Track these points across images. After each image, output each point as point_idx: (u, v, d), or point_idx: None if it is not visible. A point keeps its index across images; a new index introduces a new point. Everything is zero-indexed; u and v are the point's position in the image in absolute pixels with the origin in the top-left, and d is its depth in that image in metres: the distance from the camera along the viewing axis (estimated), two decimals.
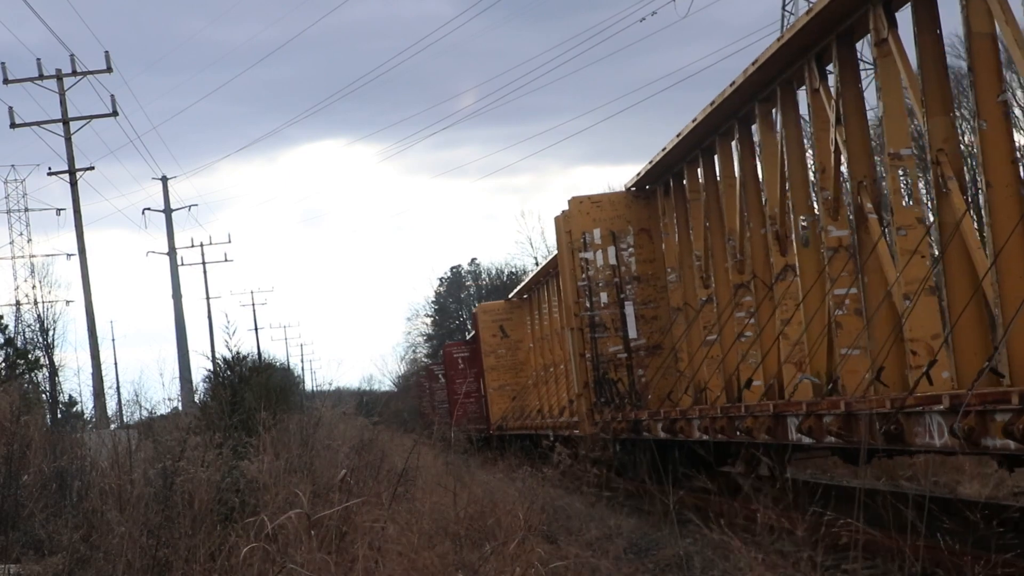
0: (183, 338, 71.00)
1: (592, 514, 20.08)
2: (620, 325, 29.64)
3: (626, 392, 29.25)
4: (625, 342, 29.71)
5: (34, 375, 65.34)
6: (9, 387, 24.44)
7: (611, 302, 29.62)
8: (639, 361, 29.56)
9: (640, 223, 29.30)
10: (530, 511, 15.13)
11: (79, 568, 13.95)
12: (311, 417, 24.48)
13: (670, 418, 23.54)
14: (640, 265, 29.22)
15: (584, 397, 31.15)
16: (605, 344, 29.79)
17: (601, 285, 29.67)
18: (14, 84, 50.07)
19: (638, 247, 29.30)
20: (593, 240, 29.79)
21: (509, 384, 48.62)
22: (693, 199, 26.58)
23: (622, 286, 29.48)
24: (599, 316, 29.76)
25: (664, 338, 29.13)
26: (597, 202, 29.81)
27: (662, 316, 29.15)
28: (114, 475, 15.48)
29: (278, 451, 17.26)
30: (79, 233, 50.25)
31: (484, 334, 49.46)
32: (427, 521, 14.12)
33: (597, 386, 29.48)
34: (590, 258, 29.77)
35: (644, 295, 29.21)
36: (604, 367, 29.58)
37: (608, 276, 29.71)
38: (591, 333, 29.73)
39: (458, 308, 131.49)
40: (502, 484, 18.92)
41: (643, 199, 29.37)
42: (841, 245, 19.06)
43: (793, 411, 17.78)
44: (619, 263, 29.73)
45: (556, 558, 12.46)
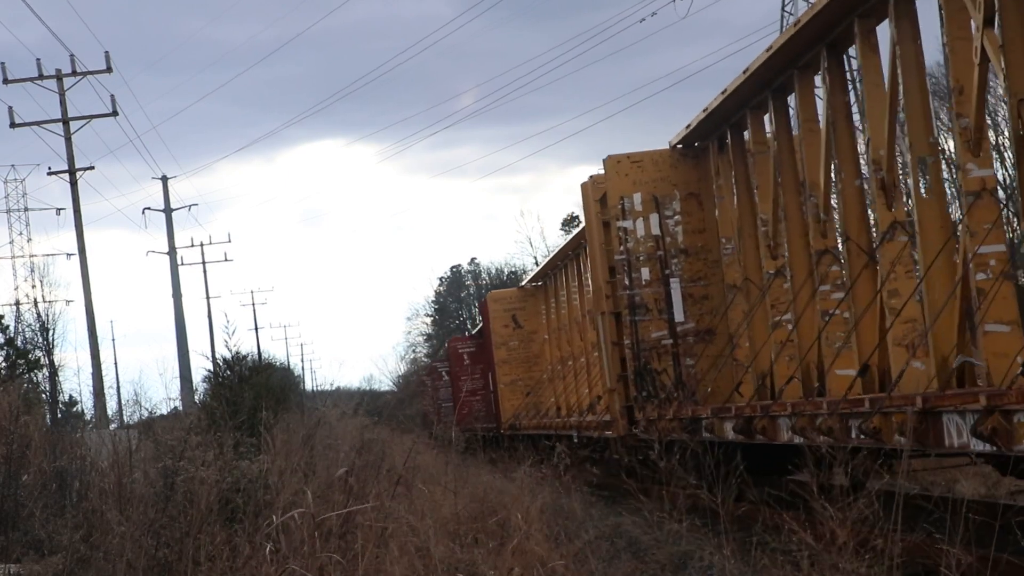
0: (183, 338, 69.36)
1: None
2: (665, 306, 23.89)
3: (671, 385, 24.76)
4: (670, 326, 24.44)
5: (34, 375, 63.80)
6: (9, 387, 24.30)
7: (654, 279, 24.02)
8: (687, 349, 23.96)
9: (688, 186, 23.89)
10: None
11: (79, 568, 13.71)
12: (312, 417, 23.99)
13: (744, 415, 18.16)
14: (688, 236, 23.82)
15: (618, 392, 26.24)
16: (647, 329, 24.66)
17: (642, 259, 24.08)
18: (14, 84, 49.18)
19: (685, 214, 23.86)
20: (632, 206, 24.81)
21: (522, 379, 42.85)
22: (758, 152, 21.79)
23: (667, 260, 23.96)
24: (640, 296, 24.71)
25: (717, 321, 23.65)
26: (637, 161, 24.27)
27: (714, 295, 23.72)
28: (114, 475, 15.14)
29: (279, 451, 16.76)
30: (79, 233, 49.41)
31: (495, 324, 43.69)
32: (428, 521, 13.70)
33: (637, 378, 24.66)
34: (629, 227, 24.26)
35: (693, 271, 23.82)
36: (645, 356, 24.68)
37: (650, 249, 24.11)
38: (630, 316, 24.51)
39: (458, 308, 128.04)
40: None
41: (691, 158, 23.90)
42: (985, 188, 14.57)
43: (957, 405, 12.37)
44: (663, 233, 24.45)
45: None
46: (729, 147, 22.08)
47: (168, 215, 70.39)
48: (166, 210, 70.34)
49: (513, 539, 12.85)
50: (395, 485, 15.40)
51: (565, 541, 14.38)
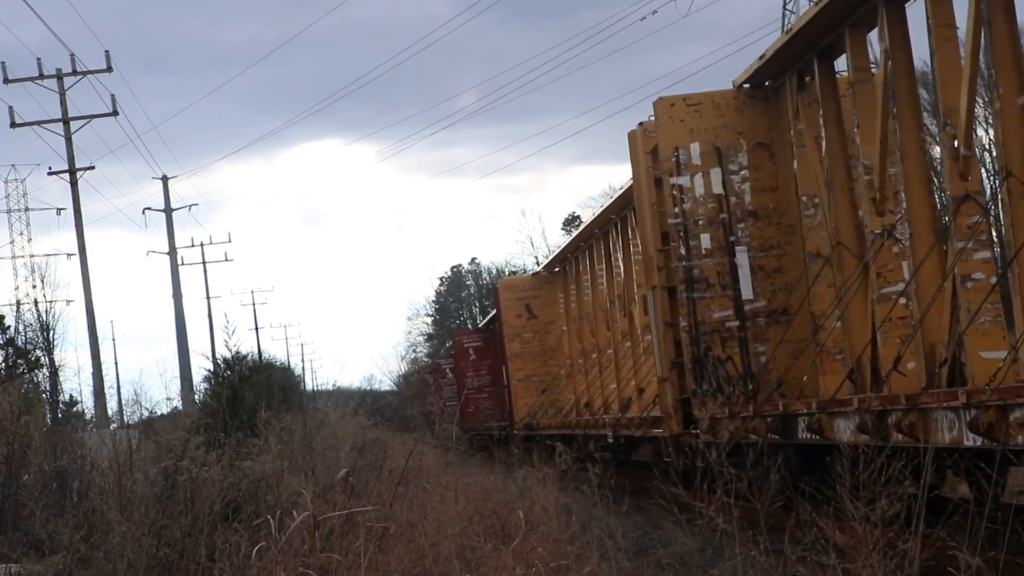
0: (183, 338, 67.99)
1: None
2: (729, 281, 18.60)
3: (738, 376, 20.05)
4: (736, 305, 18.56)
5: (34, 375, 62.08)
6: (9, 387, 24.05)
7: (715, 248, 18.65)
8: (756, 332, 18.47)
9: (756, 134, 18.63)
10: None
11: (79, 568, 13.44)
12: (313, 417, 23.43)
13: (874, 409, 12.82)
14: (757, 195, 18.61)
15: (671, 383, 21.53)
16: (707, 308, 18.67)
17: (701, 224, 18.67)
18: (14, 84, 47.70)
19: (754, 168, 18.60)
20: (690, 159, 18.94)
21: (537, 374, 37.29)
22: (860, 81, 17.06)
23: (731, 225, 18.61)
24: (699, 268, 18.82)
25: (794, 299, 18.45)
26: (695, 105, 18.63)
27: (789, 268, 18.54)
28: (114, 475, 14.86)
29: (280, 451, 16.18)
30: (79, 233, 48.08)
31: (507, 314, 38.05)
32: (429, 521, 13.31)
33: (696, 368, 19.94)
34: (685, 185, 18.64)
35: (763, 238, 18.61)
36: (706, 341, 19.42)
37: (711, 211, 18.68)
38: (687, 292, 18.75)
39: (459, 308, 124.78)
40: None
41: (761, 100, 18.69)
42: None
43: None
44: (727, 192, 18.69)
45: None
46: (816, 80, 17.35)
47: (168, 215, 68.94)
48: (166, 210, 68.86)
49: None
50: (396, 486, 14.67)
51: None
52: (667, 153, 18.84)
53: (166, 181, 69.06)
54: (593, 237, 30.97)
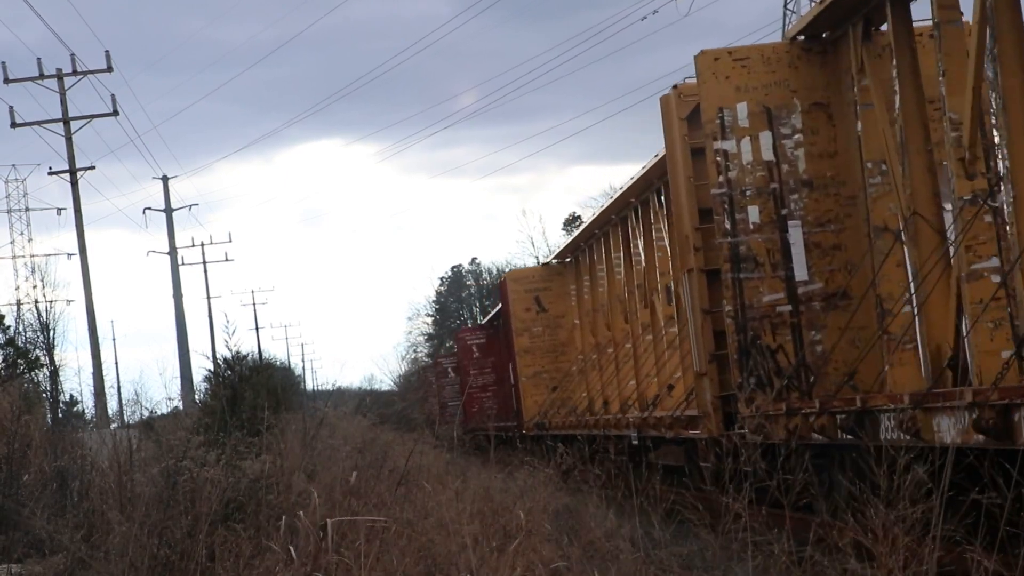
0: (184, 338, 67.28)
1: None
2: (780, 260, 15.94)
3: (791, 368, 17.40)
4: (789, 287, 15.82)
5: (35, 374, 60.50)
6: (10, 387, 23.83)
7: (765, 222, 15.95)
8: (811, 318, 15.84)
9: (813, 93, 15.97)
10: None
11: (80, 568, 13.35)
12: (314, 417, 23.15)
13: (992, 403, 10.07)
14: (813, 162, 15.94)
15: (710, 377, 18.13)
16: (756, 291, 15.85)
17: (749, 195, 15.96)
18: (14, 84, 46.94)
19: (809, 132, 15.93)
20: (736, 121, 16.01)
21: (547, 371, 34.32)
22: (948, 22, 14.64)
23: (783, 196, 15.92)
24: (746, 245, 16.04)
25: (854, 280, 15.70)
26: (743, 59, 15.90)
27: (849, 244, 15.89)
28: (114, 474, 14.61)
29: (280, 451, 16.14)
30: (80, 232, 47.55)
31: (515, 308, 34.99)
32: (430, 521, 12.85)
33: (743, 358, 17.27)
34: (731, 150, 15.93)
35: (820, 210, 15.97)
36: (754, 327, 16.32)
37: (760, 180, 15.97)
38: (733, 272, 15.88)
39: (459, 308, 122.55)
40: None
41: (818, 54, 16.00)
42: None
43: None
44: (778, 159, 15.93)
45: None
46: (891, 26, 14.82)
47: (169, 215, 68.40)
48: (167, 210, 68.27)
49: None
50: (396, 486, 14.47)
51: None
52: (710, 114, 16.24)
53: (166, 181, 68.62)
54: (609, 223, 28.40)
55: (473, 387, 46.05)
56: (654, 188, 24.27)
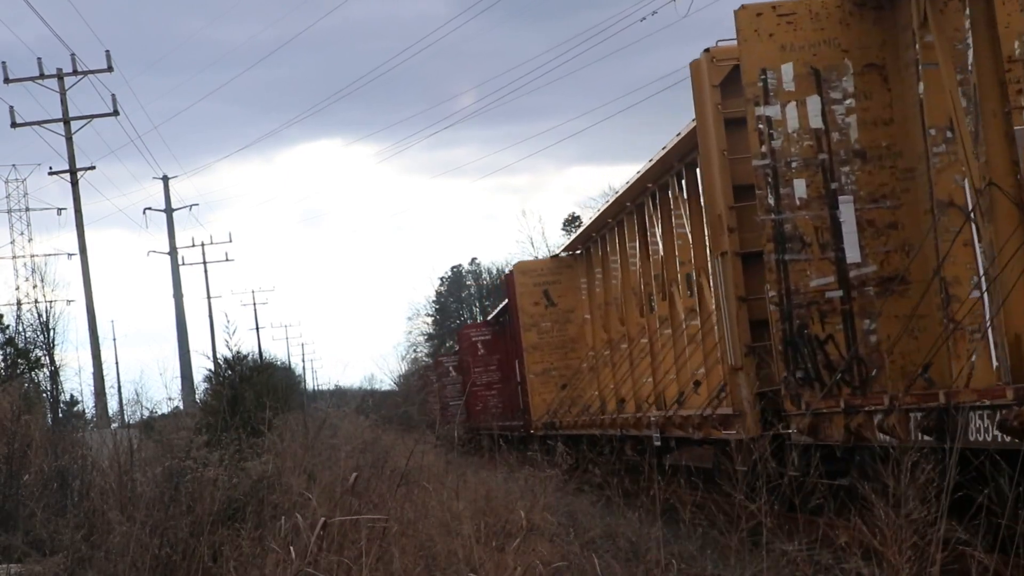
0: (184, 337, 66.46)
1: None
2: (830, 240, 14.00)
3: (841, 361, 15.37)
4: (839, 270, 13.91)
5: (35, 374, 60.39)
6: (10, 386, 23.50)
7: (813, 197, 13.99)
8: (865, 304, 13.94)
9: (867, 53, 14.04)
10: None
11: (80, 568, 13.13)
12: (315, 417, 23.02)
13: None
14: (866, 130, 14.03)
15: (746, 372, 15.73)
16: (802, 274, 13.90)
17: (795, 166, 13.98)
18: (14, 83, 46.38)
19: (862, 96, 14.02)
20: (781, 84, 13.90)
21: (556, 368, 32.16)
22: None
23: (833, 168, 13.98)
24: (791, 223, 13.95)
25: (913, 262, 13.65)
26: (788, 15, 13.88)
27: (907, 223, 13.99)
28: (115, 474, 14.44)
29: (281, 451, 15.69)
30: (80, 232, 46.97)
31: (522, 301, 32.69)
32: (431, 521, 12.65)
33: (788, 350, 14.38)
34: (775, 117, 13.95)
35: (873, 184, 14.02)
36: (801, 315, 14.13)
37: (808, 150, 13.98)
38: (777, 254, 13.91)
39: (459, 308, 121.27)
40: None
41: (872, 9, 14.04)
42: None
43: None
44: (828, 126, 13.96)
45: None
46: None
47: (169, 215, 67.74)
48: (167, 210, 67.61)
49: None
50: (397, 486, 14.09)
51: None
52: (752, 76, 14.27)
53: (167, 181, 68.02)
54: (624, 212, 26.42)
55: (477, 385, 44.16)
56: (674, 171, 22.34)
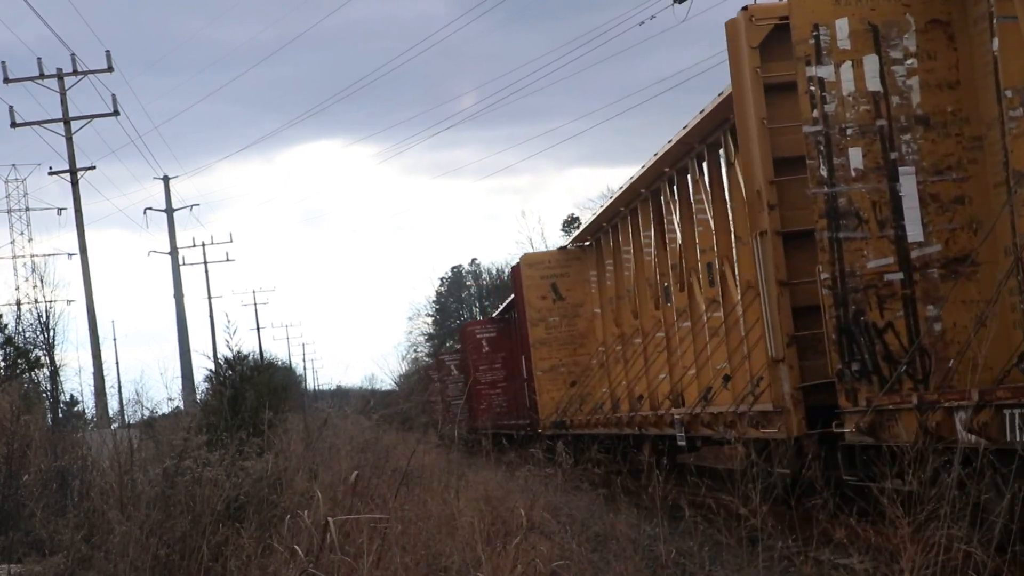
0: (185, 337, 65.97)
1: None
2: (890, 215, 12.26)
3: (903, 352, 13.63)
4: (899, 250, 12.23)
5: (35, 374, 58.86)
6: (10, 386, 23.31)
7: (870, 168, 12.29)
8: (928, 288, 12.27)
9: (930, 7, 12.33)
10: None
11: (80, 568, 12.98)
12: (316, 417, 22.70)
13: None
14: (930, 93, 12.31)
15: (788, 366, 13.67)
16: (857, 254, 12.19)
17: (850, 134, 12.28)
18: (14, 83, 45.94)
19: (925, 56, 12.31)
20: (835, 42, 12.18)
21: (564, 364, 30.29)
22: None
23: (892, 136, 12.26)
24: (846, 197, 12.21)
25: (984, 241, 11.90)
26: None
27: (975, 197, 12.28)
28: (115, 474, 14.21)
29: (282, 450, 15.68)
30: (80, 232, 46.55)
31: (529, 295, 30.73)
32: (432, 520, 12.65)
33: (842, 339, 12.32)
34: (828, 78, 12.24)
35: (938, 154, 12.32)
36: (857, 300, 12.33)
37: (864, 115, 12.26)
38: (830, 231, 12.21)
39: (459, 308, 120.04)
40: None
41: None
42: None
43: None
44: (887, 89, 12.27)
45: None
46: None
47: (169, 215, 67.33)
48: (167, 210, 67.19)
49: None
50: (398, 485, 14.11)
51: None
52: (803, 33, 12.58)
53: (167, 181, 67.68)
54: (638, 199, 24.72)
55: (481, 384, 42.46)
56: (694, 153, 20.70)
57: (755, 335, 16.89)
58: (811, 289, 13.81)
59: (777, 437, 14.08)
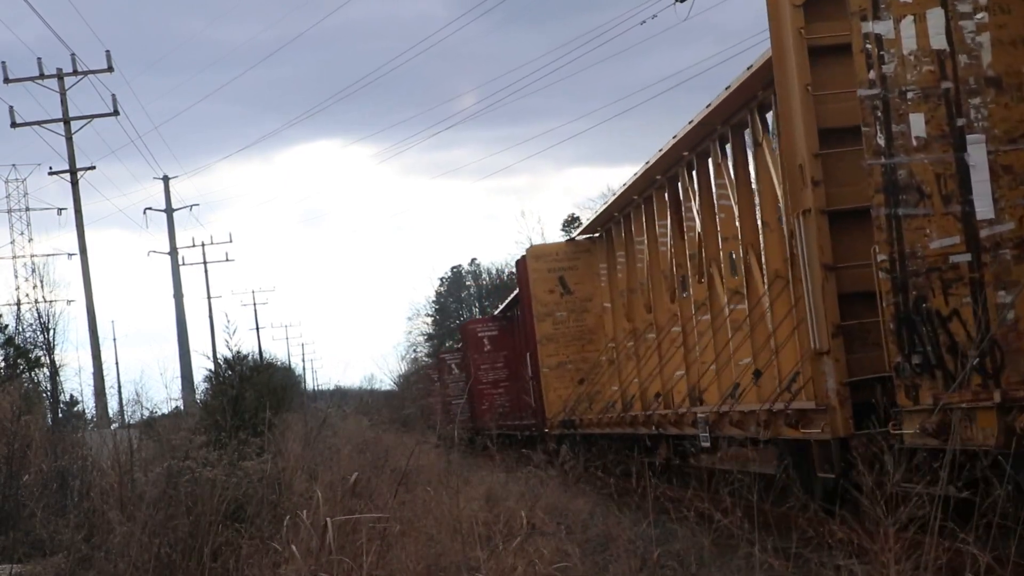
0: (184, 337, 65.70)
1: None
2: (956, 189, 10.68)
3: (969, 344, 12.13)
4: (967, 228, 10.60)
5: (35, 374, 58.44)
6: (10, 386, 23.22)
7: (934, 136, 10.75)
8: (1000, 272, 10.63)
9: None
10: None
11: (80, 568, 12.92)
12: (316, 417, 22.66)
13: None
14: (1002, 52, 10.70)
15: (833, 359, 12.32)
16: (919, 233, 10.67)
17: (912, 98, 10.77)
18: (14, 83, 45.67)
19: (997, 10, 10.67)
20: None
21: (572, 361, 28.80)
22: None
23: (960, 100, 10.71)
24: (907, 169, 10.67)
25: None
26: None
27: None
28: (115, 474, 14.17)
29: (282, 451, 15.47)
30: (80, 232, 46.28)
31: (536, 289, 29.17)
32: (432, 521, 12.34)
33: (902, 328, 12.02)
34: (886, 35, 10.76)
35: (1011, 120, 10.70)
36: (918, 286, 10.73)
37: (928, 77, 10.74)
38: (888, 207, 10.75)
39: (458, 308, 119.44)
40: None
41: None
42: None
43: None
44: (954, 47, 10.66)
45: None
46: None
47: (169, 215, 67.03)
48: (167, 210, 66.89)
49: None
50: (397, 486, 13.71)
51: None
52: None
53: (167, 181, 67.43)
54: (653, 186, 23.26)
55: (482, 383, 41.01)
56: (716, 135, 19.27)
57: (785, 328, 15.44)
58: (858, 274, 12.39)
59: (820, 438, 12.59)
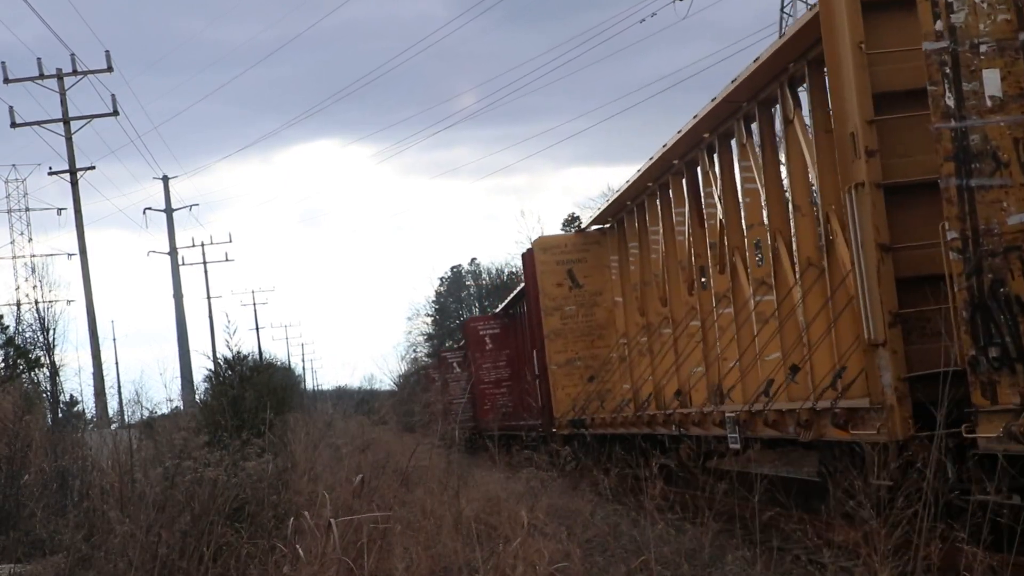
0: (184, 337, 65.32)
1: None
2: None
3: None
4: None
5: (35, 374, 58.51)
6: (10, 387, 23.29)
7: (1013, 95, 9.34)
8: None
9: None
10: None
11: (80, 568, 12.86)
12: (318, 418, 23.21)
13: None
14: None
15: (891, 351, 10.90)
16: (995, 206, 9.24)
17: (985, 52, 9.34)
18: (14, 83, 45.55)
19: None
20: None
21: (581, 358, 27.40)
22: None
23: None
24: (980, 134, 9.22)
25: None
26: None
27: None
28: (115, 474, 14.16)
29: (282, 451, 15.52)
30: (80, 233, 46.14)
31: (544, 282, 27.72)
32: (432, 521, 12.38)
33: (976, 316, 10.48)
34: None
35: None
36: (995, 267, 9.19)
37: (1004, 28, 9.31)
38: (958, 178, 9.23)
39: (458, 308, 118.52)
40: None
41: None
42: None
43: None
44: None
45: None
46: None
47: (169, 215, 66.71)
48: (167, 210, 66.58)
49: None
50: (399, 486, 14.04)
51: None
52: None
53: (166, 181, 67.14)
54: (669, 172, 21.85)
55: (485, 382, 39.63)
56: (742, 113, 17.90)
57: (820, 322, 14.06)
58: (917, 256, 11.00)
59: (876, 440, 11.19)
